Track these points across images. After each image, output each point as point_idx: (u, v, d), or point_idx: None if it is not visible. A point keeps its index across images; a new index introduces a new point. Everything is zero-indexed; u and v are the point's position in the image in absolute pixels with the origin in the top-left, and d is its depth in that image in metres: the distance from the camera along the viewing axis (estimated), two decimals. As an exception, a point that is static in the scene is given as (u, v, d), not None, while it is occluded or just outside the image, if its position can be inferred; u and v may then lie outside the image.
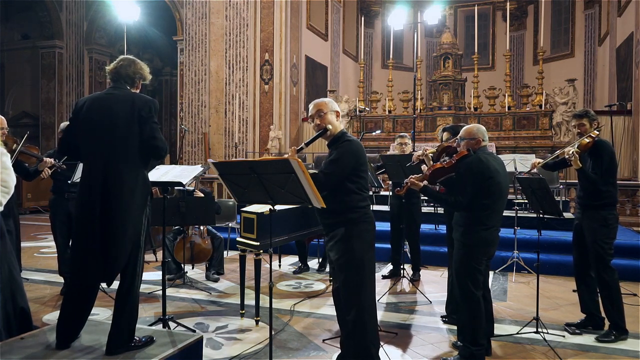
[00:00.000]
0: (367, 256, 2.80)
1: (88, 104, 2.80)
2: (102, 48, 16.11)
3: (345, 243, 2.77)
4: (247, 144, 11.59)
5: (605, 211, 3.74)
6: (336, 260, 2.82)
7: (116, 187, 2.67)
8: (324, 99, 2.93)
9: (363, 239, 2.78)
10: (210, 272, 5.50)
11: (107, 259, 2.68)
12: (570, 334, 3.79)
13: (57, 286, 5.09)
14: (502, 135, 10.24)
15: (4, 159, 2.82)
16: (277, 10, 11.35)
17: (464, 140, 3.25)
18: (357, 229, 2.77)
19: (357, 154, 2.78)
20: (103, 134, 2.71)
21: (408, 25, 13.57)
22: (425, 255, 5.98)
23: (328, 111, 2.85)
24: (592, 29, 13.86)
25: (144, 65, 2.95)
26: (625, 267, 5.29)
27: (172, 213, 4.74)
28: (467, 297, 3.16)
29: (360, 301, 2.76)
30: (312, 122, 2.91)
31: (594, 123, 3.85)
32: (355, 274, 2.77)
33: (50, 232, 5.37)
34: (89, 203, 2.70)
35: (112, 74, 2.86)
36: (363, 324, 2.76)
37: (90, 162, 2.76)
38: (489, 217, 3.13)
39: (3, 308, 2.93)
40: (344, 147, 2.77)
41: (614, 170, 3.78)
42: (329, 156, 2.81)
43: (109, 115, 2.71)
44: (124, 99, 2.76)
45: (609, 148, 3.81)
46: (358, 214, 2.78)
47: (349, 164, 2.74)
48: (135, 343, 2.78)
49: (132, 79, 2.87)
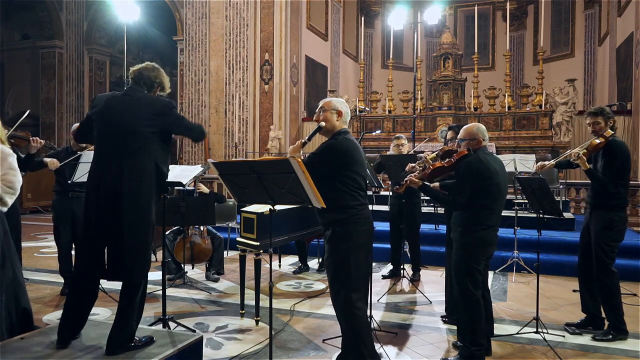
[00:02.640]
0: (353, 257, 2.76)
1: (103, 102, 2.85)
2: (102, 48, 16.12)
3: (331, 244, 2.80)
4: (247, 144, 11.59)
5: (612, 213, 3.68)
6: (327, 259, 2.86)
7: (127, 184, 2.67)
8: (331, 98, 2.97)
9: (350, 240, 2.76)
10: (210, 272, 5.50)
11: (115, 255, 2.70)
12: (570, 334, 3.79)
13: (57, 286, 5.09)
14: (502, 135, 10.24)
15: (10, 159, 2.84)
16: (277, 10, 11.35)
17: (465, 141, 3.24)
18: (345, 230, 2.76)
19: (340, 152, 2.76)
20: (116, 132, 2.74)
21: (408, 25, 13.56)
22: (425, 255, 5.98)
23: (329, 109, 2.88)
24: (592, 29, 13.86)
25: (167, 77, 3.02)
26: (625, 267, 5.29)
27: (172, 213, 4.74)
28: (466, 297, 3.16)
29: (344, 301, 2.75)
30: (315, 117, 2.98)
31: (609, 121, 3.72)
32: (340, 275, 2.76)
33: (50, 232, 5.38)
34: (97, 201, 2.71)
35: (134, 74, 2.92)
36: (350, 325, 2.78)
37: (102, 159, 2.78)
38: (487, 218, 3.13)
39: (6, 308, 2.93)
40: (327, 143, 2.81)
41: (625, 172, 3.67)
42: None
43: (123, 115, 2.75)
44: (139, 100, 2.81)
45: (623, 149, 3.68)
46: (347, 214, 2.75)
47: (327, 161, 2.75)
48: (135, 343, 2.78)
49: (151, 83, 2.92)
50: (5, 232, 3.00)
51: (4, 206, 2.85)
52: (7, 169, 2.80)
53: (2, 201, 2.81)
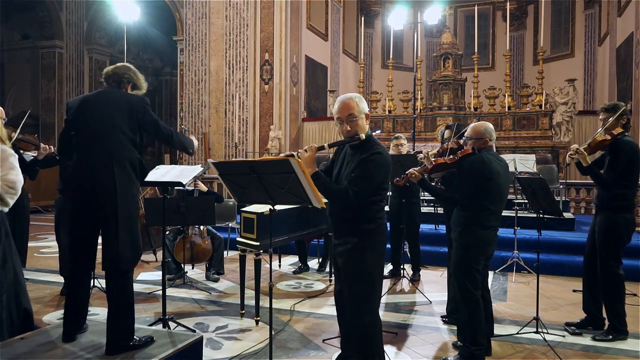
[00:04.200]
0: (377, 266, 2.71)
1: (77, 104, 2.90)
2: (102, 48, 16.12)
3: (358, 253, 2.64)
4: (247, 144, 11.59)
5: (616, 214, 3.60)
6: (346, 268, 2.72)
7: (107, 182, 2.72)
8: (354, 98, 2.64)
9: (376, 250, 2.69)
10: (210, 272, 5.50)
11: (105, 245, 2.76)
12: (570, 334, 3.79)
13: (57, 286, 5.09)
14: (502, 135, 10.24)
15: (12, 159, 2.84)
16: (277, 10, 11.35)
17: (471, 140, 3.23)
18: (372, 240, 2.67)
19: (388, 168, 2.62)
20: (94, 128, 2.78)
21: (408, 25, 13.55)
22: (425, 255, 5.98)
23: (359, 115, 2.61)
24: (592, 29, 13.87)
25: (140, 75, 3.07)
26: (625, 267, 5.22)
27: (172, 213, 4.74)
28: (466, 297, 3.15)
29: (370, 309, 2.69)
30: (340, 124, 2.66)
31: (622, 119, 3.61)
32: (365, 284, 2.67)
33: (50, 232, 5.38)
34: (81, 197, 2.78)
35: (105, 75, 2.99)
36: (374, 331, 2.71)
37: (81, 158, 2.81)
38: (486, 218, 3.12)
39: (7, 309, 2.93)
40: (376, 161, 2.54)
41: (632, 173, 3.56)
42: (355, 166, 2.57)
43: (97, 114, 2.80)
44: (114, 96, 2.87)
45: (629, 148, 3.54)
46: (375, 224, 2.66)
47: (380, 180, 2.59)
48: (135, 343, 2.78)
49: (120, 79, 2.96)
50: (7, 233, 3.00)
51: (5, 206, 2.86)
52: (8, 169, 2.80)
53: (3, 201, 2.81)
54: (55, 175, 5.46)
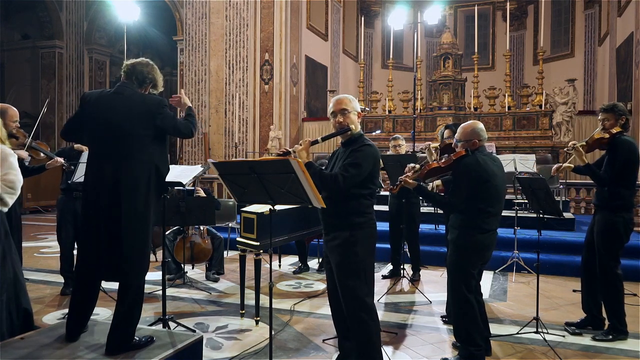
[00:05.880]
0: (368, 261, 2.77)
1: (94, 100, 2.81)
2: (102, 48, 16.12)
3: (348, 247, 2.71)
4: (247, 144, 11.59)
5: (614, 214, 3.60)
6: (338, 263, 2.76)
7: (125, 186, 2.67)
8: (347, 96, 2.86)
9: (366, 243, 2.75)
10: (210, 272, 5.50)
11: (112, 256, 2.69)
12: (570, 333, 3.79)
13: (57, 286, 5.09)
14: (502, 135, 10.25)
15: (11, 159, 2.84)
16: (277, 10, 11.35)
17: (461, 142, 3.19)
18: (362, 233, 2.73)
19: (377, 160, 2.75)
20: (111, 133, 2.72)
21: (408, 25, 13.56)
22: (425, 255, 5.98)
23: (352, 111, 2.80)
24: (592, 29, 13.87)
25: (160, 74, 2.98)
26: (625, 267, 5.24)
27: (172, 213, 4.74)
28: (460, 300, 3.12)
29: (364, 302, 2.72)
30: (334, 118, 2.83)
31: (620, 119, 3.62)
32: (356, 279, 2.72)
33: (50, 232, 5.38)
34: (95, 202, 2.72)
35: (127, 68, 2.88)
36: (367, 326, 2.72)
37: (97, 160, 2.77)
38: (485, 221, 3.06)
39: (7, 308, 2.93)
40: (364, 151, 2.71)
41: (629, 172, 3.57)
42: (345, 157, 2.72)
43: (117, 116, 2.72)
44: (131, 98, 2.78)
45: (628, 147, 3.55)
46: (365, 218, 2.74)
47: (368, 169, 2.70)
48: (135, 343, 2.77)
49: (143, 79, 2.88)
50: (6, 233, 3.00)
51: (5, 206, 2.85)
52: (8, 169, 2.80)
53: (3, 201, 2.81)
54: (56, 175, 5.47)
